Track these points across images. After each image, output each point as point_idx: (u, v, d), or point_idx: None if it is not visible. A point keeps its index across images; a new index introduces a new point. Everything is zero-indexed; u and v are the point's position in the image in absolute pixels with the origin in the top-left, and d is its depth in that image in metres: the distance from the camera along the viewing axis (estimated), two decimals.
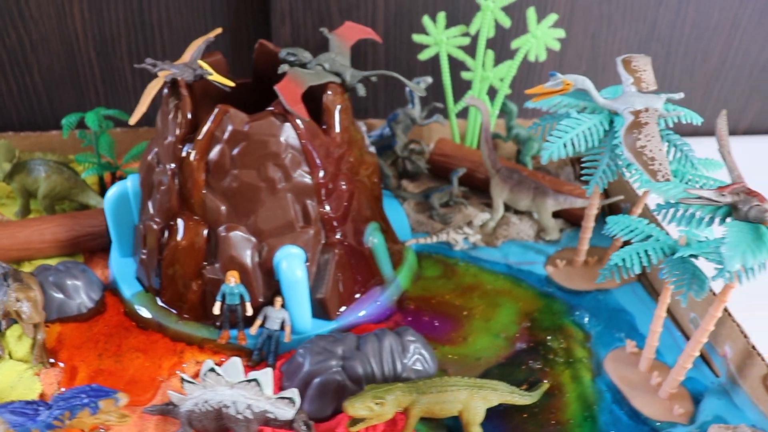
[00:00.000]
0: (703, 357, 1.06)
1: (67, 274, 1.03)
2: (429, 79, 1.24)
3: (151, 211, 1.01)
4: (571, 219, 1.25)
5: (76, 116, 1.20)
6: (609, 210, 1.29)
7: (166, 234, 0.99)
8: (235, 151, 0.93)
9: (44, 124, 1.41)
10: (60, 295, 1.02)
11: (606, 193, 1.30)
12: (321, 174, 0.97)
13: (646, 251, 0.92)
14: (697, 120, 1.01)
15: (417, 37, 1.23)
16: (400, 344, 0.95)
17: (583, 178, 1.01)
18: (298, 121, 0.94)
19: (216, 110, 0.92)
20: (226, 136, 0.92)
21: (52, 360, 0.97)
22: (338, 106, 0.99)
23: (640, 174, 0.96)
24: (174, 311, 1.01)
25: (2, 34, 1.31)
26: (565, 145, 0.97)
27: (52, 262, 1.10)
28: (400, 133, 1.24)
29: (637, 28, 1.43)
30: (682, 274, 0.88)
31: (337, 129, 0.99)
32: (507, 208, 1.24)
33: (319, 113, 0.98)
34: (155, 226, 1.00)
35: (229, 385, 0.81)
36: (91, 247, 1.14)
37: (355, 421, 0.86)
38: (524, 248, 1.20)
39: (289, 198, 0.96)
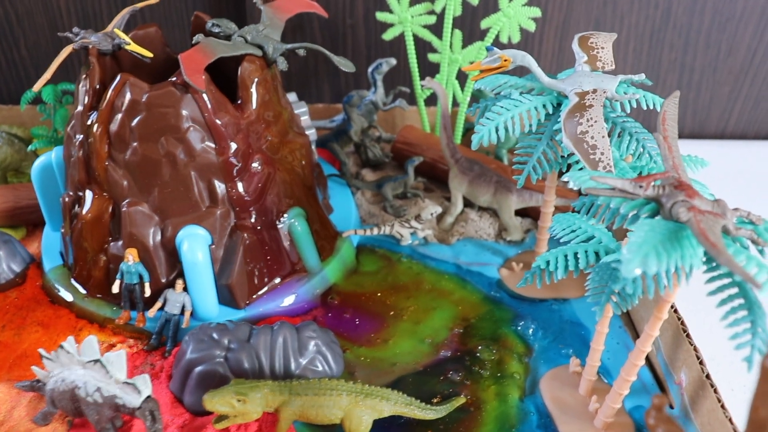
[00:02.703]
0: (660, 384, 0.91)
1: None
2: (393, 61, 1.15)
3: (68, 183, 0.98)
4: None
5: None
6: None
7: (77, 207, 0.95)
8: (134, 123, 0.88)
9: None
10: None
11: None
12: (230, 151, 0.90)
13: (575, 254, 0.80)
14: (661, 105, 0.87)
15: (380, 15, 1.14)
16: (297, 340, 0.86)
17: (515, 167, 0.89)
18: (204, 94, 0.87)
19: (117, 78, 0.88)
20: (125, 106, 0.87)
21: None
22: (255, 80, 0.92)
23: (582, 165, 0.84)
24: (82, 288, 0.97)
25: None
26: (497, 129, 0.85)
27: None
28: (356, 117, 1.16)
29: (647, 14, 1.28)
30: (602, 283, 0.76)
31: (253, 104, 0.92)
32: (469, 203, 1.13)
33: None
34: (66, 199, 0.96)
35: (80, 364, 0.76)
36: (33, 220, 1.12)
37: (221, 418, 0.79)
38: (480, 248, 1.09)
39: (193, 175, 0.90)
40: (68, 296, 0.97)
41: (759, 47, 1.31)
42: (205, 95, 0.87)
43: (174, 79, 0.88)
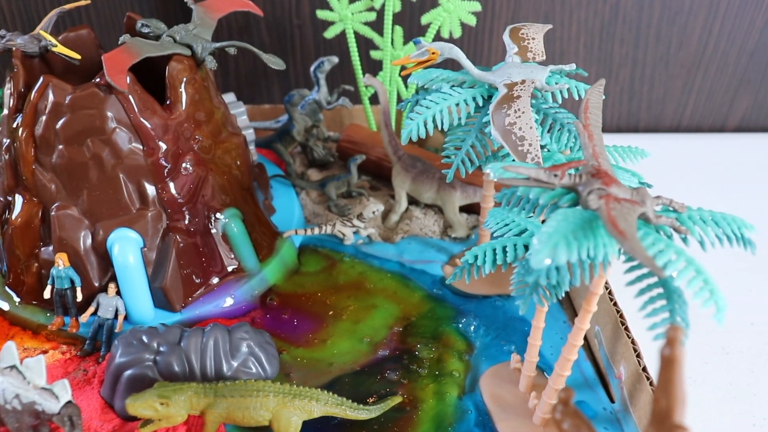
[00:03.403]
0: (602, 379, 0.90)
1: None
2: (334, 59, 1.14)
3: None
4: None
5: None
6: None
7: (8, 213, 0.94)
8: (59, 125, 0.86)
9: None
10: None
11: None
12: (159, 152, 0.89)
13: (504, 247, 0.79)
14: None
15: (321, 13, 1.13)
16: (229, 342, 0.85)
17: (444, 161, 0.88)
18: (130, 95, 0.86)
19: (40, 80, 0.86)
20: (48, 108, 0.86)
21: None
22: (183, 79, 0.91)
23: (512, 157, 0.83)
24: (15, 295, 0.95)
25: None
26: (425, 123, 0.84)
27: None
28: (298, 116, 1.14)
29: (596, 8, 1.28)
30: (526, 277, 0.74)
31: (183, 104, 0.91)
32: (415, 201, 1.12)
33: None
34: None
35: None
36: None
37: (147, 422, 0.77)
38: (425, 245, 1.07)
39: (122, 177, 0.89)
40: (2, 304, 0.95)
41: (709, 40, 1.30)
42: (130, 96, 0.86)
43: (98, 80, 0.86)
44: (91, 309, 0.90)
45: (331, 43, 1.30)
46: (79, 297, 0.90)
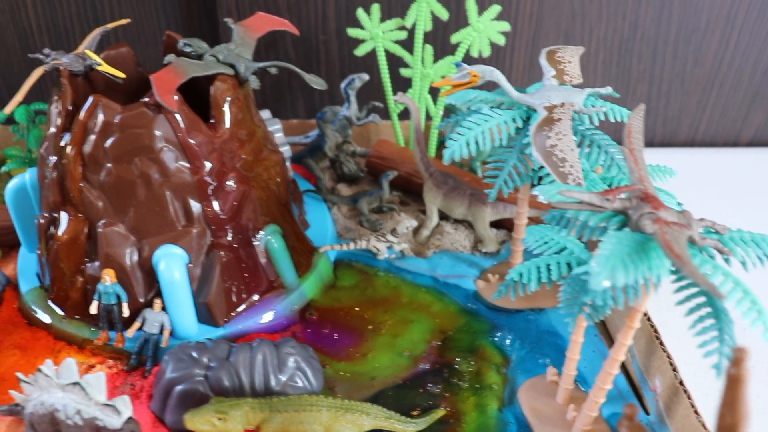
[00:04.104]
0: (636, 391, 0.93)
1: None
2: (365, 76, 1.16)
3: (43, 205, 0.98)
4: None
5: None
6: None
7: (53, 229, 0.95)
8: (108, 144, 0.88)
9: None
10: None
11: None
12: (204, 171, 0.91)
13: (548, 266, 0.81)
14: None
15: (352, 32, 1.15)
16: (276, 357, 0.87)
17: (486, 181, 0.90)
18: (177, 114, 0.88)
19: (90, 100, 0.88)
20: (97, 127, 0.88)
21: None
22: (228, 99, 0.92)
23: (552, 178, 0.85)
24: (60, 309, 0.97)
25: None
26: (468, 144, 0.87)
27: None
28: (330, 132, 1.17)
29: (615, 26, 1.31)
30: (574, 294, 0.77)
31: (227, 123, 0.93)
32: (445, 216, 1.14)
33: None
34: (42, 221, 0.96)
35: (59, 387, 0.76)
36: (8, 242, 1.12)
37: None
38: (456, 260, 1.10)
39: (168, 195, 0.90)
40: (46, 318, 0.97)
41: (724, 57, 1.34)
42: (177, 115, 0.88)
43: (146, 99, 0.88)
44: (137, 324, 0.92)
45: (355, 60, 1.33)
46: (126, 312, 0.92)
